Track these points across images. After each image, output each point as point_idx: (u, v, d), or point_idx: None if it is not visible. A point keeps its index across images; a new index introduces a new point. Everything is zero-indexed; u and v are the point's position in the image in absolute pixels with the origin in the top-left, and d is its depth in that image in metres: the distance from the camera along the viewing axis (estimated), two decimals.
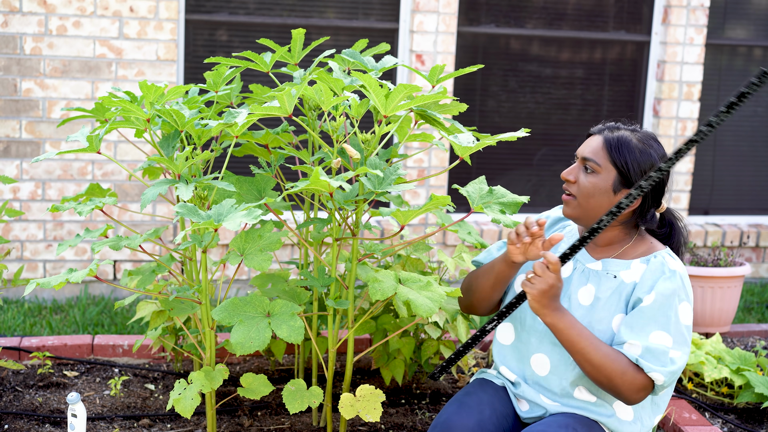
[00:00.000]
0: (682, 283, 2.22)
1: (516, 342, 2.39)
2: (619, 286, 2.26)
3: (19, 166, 4.57)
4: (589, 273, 2.31)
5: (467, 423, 2.23)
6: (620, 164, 2.24)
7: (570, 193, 2.30)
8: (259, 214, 2.21)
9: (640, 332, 2.17)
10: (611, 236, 2.32)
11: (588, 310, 2.27)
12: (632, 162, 2.24)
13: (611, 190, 2.25)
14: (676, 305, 2.19)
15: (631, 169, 2.24)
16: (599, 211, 2.26)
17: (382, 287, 2.39)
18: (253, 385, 2.63)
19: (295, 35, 2.85)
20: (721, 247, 5.20)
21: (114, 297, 4.70)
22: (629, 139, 2.26)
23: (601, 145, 2.27)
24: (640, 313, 2.19)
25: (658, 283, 2.20)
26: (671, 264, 2.24)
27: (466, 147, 2.42)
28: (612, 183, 2.25)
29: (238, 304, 2.44)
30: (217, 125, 2.43)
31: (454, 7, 4.88)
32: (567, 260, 2.21)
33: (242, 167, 4.65)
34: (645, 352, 2.16)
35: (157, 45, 4.59)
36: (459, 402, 2.31)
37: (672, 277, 2.21)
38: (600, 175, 2.25)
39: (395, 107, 2.38)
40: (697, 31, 5.22)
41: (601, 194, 2.25)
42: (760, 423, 3.28)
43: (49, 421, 3.03)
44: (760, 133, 5.68)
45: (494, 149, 5.23)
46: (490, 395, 2.36)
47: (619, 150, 2.25)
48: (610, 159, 2.25)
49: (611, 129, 2.31)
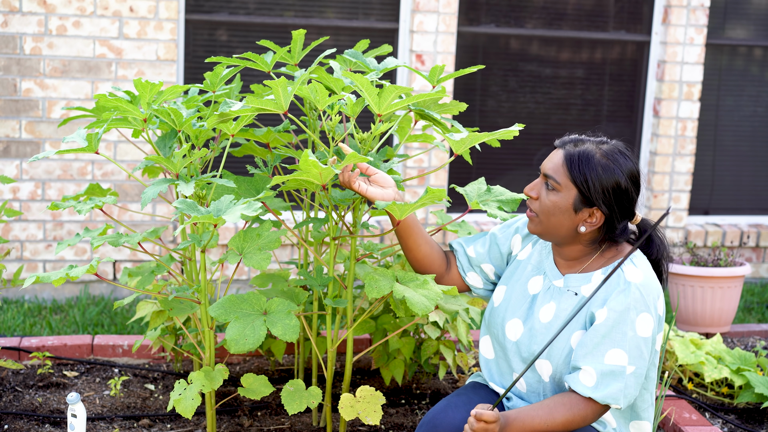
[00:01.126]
0: (640, 294, 2.12)
1: (496, 358, 2.37)
2: (579, 302, 2.20)
3: (19, 166, 4.57)
4: (554, 290, 2.26)
5: (453, 421, 2.20)
6: (580, 182, 2.14)
7: (531, 210, 2.23)
8: (258, 206, 2.21)
9: (595, 353, 2.11)
10: (571, 251, 2.25)
11: (547, 328, 2.22)
12: (593, 180, 2.13)
13: (572, 209, 2.16)
14: (632, 319, 2.11)
15: (591, 187, 2.13)
16: (560, 229, 2.19)
17: (379, 285, 2.39)
18: (254, 386, 2.63)
19: (295, 36, 2.85)
20: (721, 247, 5.20)
21: (114, 297, 4.70)
22: (592, 155, 2.15)
23: (562, 161, 2.17)
24: (594, 332, 2.12)
25: (611, 297, 2.13)
26: (629, 274, 2.15)
27: (460, 141, 2.42)
28: (572, 202, 2.16)
29: (235, 301, 2.44)
30: (213, 117, 2.43)
31: (454, 7, 4.88)
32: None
33: (241, 168, 4.65)
34: (600, 378, 2.10)
35: (157, 45, 4.59)
36: (448, 401, 2.29)
37: (626, 290, 2.12)
38: (560, 193, 2.17)
39: (388, 105, 2.38)
40: (697, 31, 5.22)
41: (561, 213, 2.17)
42: (760, 423, 3.28)
43: (49, 422, 3.03)
44: (760, 133, 5.68)
45: (494, 150, 5.23)
46: (481, 397, 2.34)
47: (579, 167, 2.14)
48: (570, 177, 2.15)
49: (575, 143, 2.19)
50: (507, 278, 2.39)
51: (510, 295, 2.34)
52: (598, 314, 2.14)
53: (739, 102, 5.61)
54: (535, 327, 2.24)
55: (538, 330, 2.24)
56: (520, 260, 2.38)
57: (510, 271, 2.39)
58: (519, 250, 2.41)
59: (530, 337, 2.25)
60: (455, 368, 3.47)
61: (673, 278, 4.29)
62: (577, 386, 2.13)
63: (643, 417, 2.27)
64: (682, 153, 5.33)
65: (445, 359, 3.34)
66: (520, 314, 2.29)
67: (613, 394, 2.11)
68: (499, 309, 2.34)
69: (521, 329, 2.27)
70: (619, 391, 2.11)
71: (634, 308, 2.11)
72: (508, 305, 2.32)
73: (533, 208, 2.23)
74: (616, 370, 2.10)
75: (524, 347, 2.26)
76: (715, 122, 5.58)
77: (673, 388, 3.46)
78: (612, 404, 2.12)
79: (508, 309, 2.32)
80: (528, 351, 2.25)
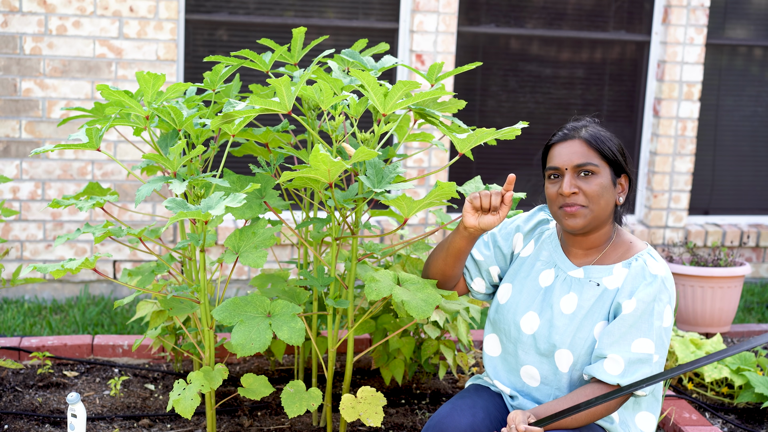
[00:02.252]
0: (664, 286, 2.20)
1: (503, 354, 2.38)
2: (602, 293, 2.24)
3: (19, 166, 4.57)
4: (572, 281, 2.29)
5: (459, 425, 2.22)
6: (610, 155, 2.24)
7: (576, 205, 2.24)
8: (242, 198, 2.21)
9: (622, 341, 2.15)
10: (598, 237, 2.30)
11: (570, 318, 2.25)
12: (613, 150, 2.26)
13: (612, 184, 2.26)
14: (659, 310, 2.18)
15: (617, 155, 2.26)
16: (607, 209, 2.25)
17: (378, 287, 2.39)
18: (254, 386, 2.63)
19: (295, 34, 2.85)
20: (722, 247, 5.19)
21: (114, 297, 4.69)
22: (599, 131, 2.28)
23: (585, 146, 2.25)
24: (621, 321, 2.17)
25: (639, 289, 2.19)
26: (653, 268, 2.22)
27: (466, 140, 2.41)
28: (610, 177, 2.26)
29: (239, 304, 2.43)
30: (217, 118, 2.42)
31: (454, 7, 4.88)
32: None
33: (242, 167, 4.65)
34: (628, 365, 2.14)
35: (157, 45, 4.59)
36: (452, 404, 2.30)
37: (653, 282, 2.19)
38: (600, 174, 2.24)
39: (394, 105, 2.38)
40: (697, 31, 5.22)
41: (607, 192, 2.25)
42: (760, 423, 3.28)
43: (49, 421, 3.03)
44: (760, 133, 5.68)
45: (494, 149, 5.23)
46: (485, 400, 2.35)
47: (603, 144, 2.25)
48: (601, 155, 2.25)
49: (577, 129, 2.29)
50: (512, 276, 2.40)
51: (520, 291, 2.35)
52: (624, 305, 2.19)
53: (739, 102, 5.61)
54: (555, 318, 2.26)
55: (558, 321, 2.26)
56: (524, 257, 2.40)
57: (514, 268, 2.41)
58: (521, 248, 2.43)
59: (549, 328, 2.27)
60: (455, 368, 3.47)
61: (674, 278, 4.28)
62: (603, 375, 2.16)
63: (646, 408, 2.29)
64: (682, 153, 5.33)
65: (446, 359, 3.33)
66: (535, 307, 2.31)
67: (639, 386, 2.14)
68: (508, 306, 2.36)
69: (537, 322, 2.29)
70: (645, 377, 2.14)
71: (660, 300, 2.18)
72: (519, 300, 2.34)
73: (578, 201, 2.24)
74: (644, 357, 2.15)
75: (542, 339, 2.27)
76: (715, 122, 5.58)
77: (673, 388, 3.46)
78: (638, 392, 2.16)
79: (520, 304, 2.33)
80: (547, 342, 2.27)
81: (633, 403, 2.28)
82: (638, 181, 2.41)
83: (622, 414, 2.27)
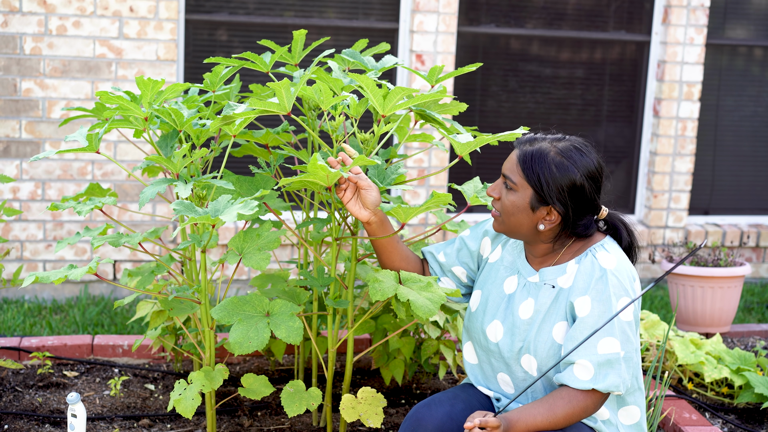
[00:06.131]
0: (617, 280, 2.15)
1: (480, 363, 2.38)
2: (558, 294, 2.22)
3: (19, 166, 4.57)
4: (530, 286, 2.28)
5: (436, 414, 2.23)
6: (534, 182, 2.17)
7: (495, 209, 2.27)
8: (254, 205, 2.21)
9: (588, 345, 2.13)
10: (542, 249, 2.28)
11: (529, 324, 2.24)
12: (546, 179, 2.16)
13: (529, 208, 2.19)
14: (615, 305, 2.14)
15: (544, 186, 2.16)
16: (521, 228, 2.22)
17: (383, 287, 2.39)
18: (254, 386, 2.63)
19: (296, 36, 2.85)
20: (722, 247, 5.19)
21: (114, 297, 4.70)
22: (546, 154, 2.17)
23: (516, 160, 2.21)
24: (582, 324, 2.14)
25: (591, 286, 2.15)
26: (603, 261, 2.17)
27: (466, 144, 2.42)
28: (529, 201, 2.19)
29: (238, 303, 2.43)
30: (216, 120, 2.43)
31: (454, 7, 4.88)
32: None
33: (242, 168, 4.65)
34: (598, 368, 2.12)
35: (157, 45, 4.59)
36: (432, 397, 2.32)
37: (603, 276, 2.15)
38: (517, 193, 2.20)
39: (393, 107, 2.38)
40: (697, 31, 5.22)
41: (520, 212, 2.21)
42: (760, 423, 3.28)
43: (49, 422, 3.03)
44: (760, 133, 5.68)
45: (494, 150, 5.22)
46: (468, 394, 2.35)
47: (533, 166, 2.17)
48: (524, 176, 2.18)
49: (530, 141, 2.23)
50: (482, 283, 2.40)
51: (486, 298, 2.35)
52: (577, 304, 2.16)
53: (739, 102, 5.61)
54: (516, 324, 2.25)
55: (519, 327, 2.25)
56: (492, 263, 2.40)
57: (484, 275, 2.41)
58: (489, 252, 2.43)
59: (511, 336, 2.26)
60: (455, 368, 3.47)
61: (673, 278, 4.29)
62: (574, 382, 2.14)
63: (630, 402, 2.28)
64: (682, 153, 5.33)
65: (445, 359, 3.34)
66: (499, 315, 2.30)
67: (614, 381, 2.13)
68: (476, 313, 2.36)
69: (501, 329, 2.28)
70: (617, 377, 2.13)
71: (615, 294, 2.14)
72: (486, 308, 2.34)
73: (496, 207, 2.27)
74: (612, 357, 2.13)
75: (506, 347, 2.27)
76: (715, 122, 5.58)
77: (673, 388, 3.46)
78: (614, 391, 2.15)
79: (487, 312, 2.33)
80: (510, 350, 2.26)
81: (616, 398, 2.27)
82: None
83: (606, 410, 2.26)
